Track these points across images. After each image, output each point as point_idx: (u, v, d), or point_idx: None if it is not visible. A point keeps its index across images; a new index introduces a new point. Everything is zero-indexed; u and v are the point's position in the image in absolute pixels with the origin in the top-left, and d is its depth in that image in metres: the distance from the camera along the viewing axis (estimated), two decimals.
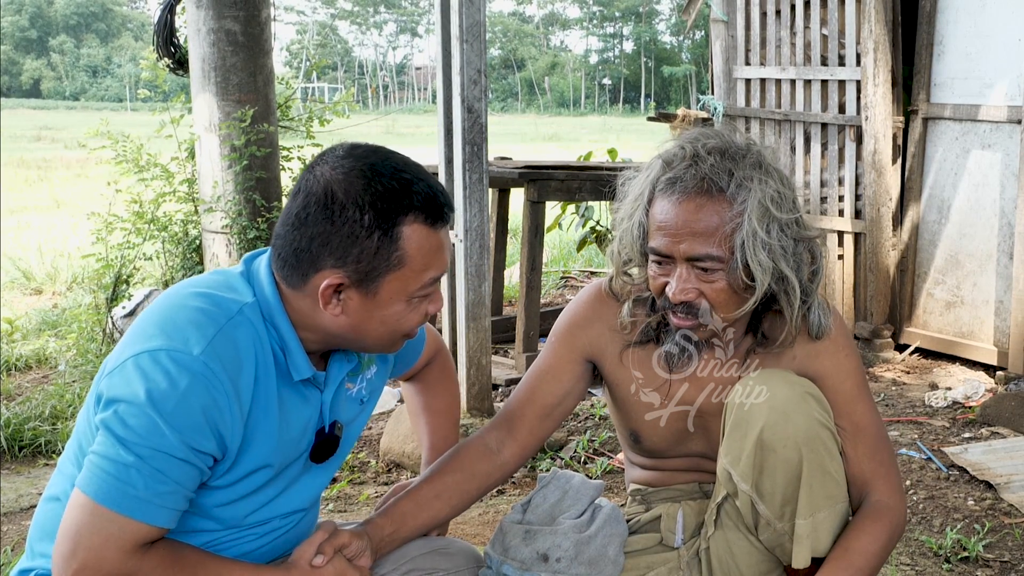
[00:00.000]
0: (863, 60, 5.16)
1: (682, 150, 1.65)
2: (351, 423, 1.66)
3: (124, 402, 1.37)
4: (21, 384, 4.60)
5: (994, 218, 4.92)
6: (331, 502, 3.32)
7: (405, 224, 1.44)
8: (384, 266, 1.45)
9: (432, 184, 1.49)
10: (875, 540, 1.65)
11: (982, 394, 4.44)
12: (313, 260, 1.44)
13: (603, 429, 3.94)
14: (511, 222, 6.25)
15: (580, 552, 1.72)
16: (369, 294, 1.46)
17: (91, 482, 1.37)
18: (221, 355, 1.40)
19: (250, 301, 1.48)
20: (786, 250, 1.62)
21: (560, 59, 77.91)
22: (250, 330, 1.45)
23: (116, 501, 1.36)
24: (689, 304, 1.64)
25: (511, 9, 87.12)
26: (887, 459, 1.73)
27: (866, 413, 1.73)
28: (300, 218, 1.45)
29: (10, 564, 2.64)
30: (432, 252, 1.48)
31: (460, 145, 3.76)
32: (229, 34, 4.85)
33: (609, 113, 58.39)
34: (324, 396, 1.57)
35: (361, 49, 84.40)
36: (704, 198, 1.60)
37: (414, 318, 1.52)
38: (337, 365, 1.59)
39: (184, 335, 1.39)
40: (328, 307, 1.47)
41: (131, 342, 1.42)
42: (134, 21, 75.30)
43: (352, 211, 1.42)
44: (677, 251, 1.61)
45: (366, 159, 1.46)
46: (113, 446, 1.37)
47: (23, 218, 10.97)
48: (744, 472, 1.63)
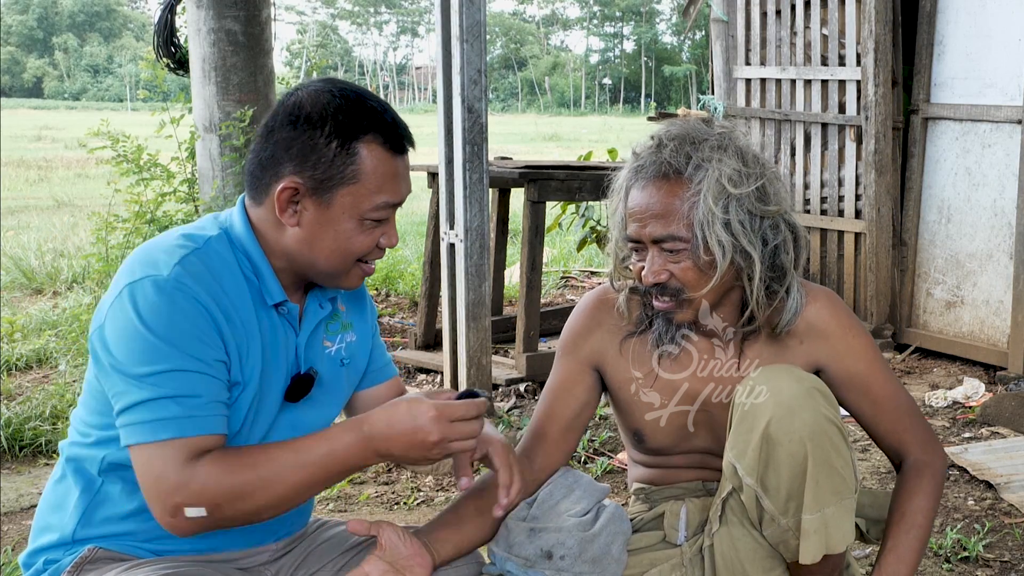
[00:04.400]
0: (863, 60, 5.16)
1: (650, 140, 1.73)
2: (333, 382, 1.69)
3: (120, 337, 1.43)
4: (21, 384, 4.60)
5: (994, 218, 4.92)
6: (331, 502, 3.32)
7: (363, 142, 1.52)
8: (339, 177, 1.51)
9: (397, 118, 1.57)
10: (925, 496, 1.76)
11: (982, 394, 4.44)
12: (275, 166, 1.52)
13: (603, 429, 3.95)
14: (511, 222, 6.25)
15: (584, 550, 1.72)
16: (323, 204, 1.52)
17: (131, 433, 1.43)
18: (191, 271, 1.47)
19: (216, 234, 1.55)
20: (744, 225, 1.67)
21: (561, 59, 77.94)
22: (217, 259, 1.52)
23: (154, 432, 1.41)
24: (663, 285, 1.70)
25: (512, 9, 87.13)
26: (912, 422, 1.81)
27: (884, 386, 1.80)
28: (268, 128, 1.55)
29: (10, 564, 2.64)
30: (387, 176, 1.54)
31: (460, 145, 3.76)
32: (229, 34, 4.86)
33: (609, 113, 58.40)
34: (299, 339, 1.61)
35: (361, 49, 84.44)
36: (662, 181, 1.68)
37: (366, 241, 1.56)
38: (311, 307, 1.64)
39: (155, 262, 1.47)
40: (284, 215, 1.53)
41: (115, 284, 1.49)
42: (135, 21, 75.33)
43: (316, 120, 1.51)
44: (644, 235, 1.69)
45: (338, 84, 1.56)
46: (129, 388, 1.42)
47: (23, 218, 10.97)
48: (750, 466, 1.63)
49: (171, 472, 1.40)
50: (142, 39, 67.11)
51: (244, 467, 1.43)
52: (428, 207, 5.26)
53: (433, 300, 5.11)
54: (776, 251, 1.71)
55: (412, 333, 5.25)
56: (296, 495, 1.46)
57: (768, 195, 1.69)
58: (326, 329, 1.68)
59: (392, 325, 6.01)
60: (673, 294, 1.71)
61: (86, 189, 13.92)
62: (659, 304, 1.73)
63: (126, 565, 1.53)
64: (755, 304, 1.73)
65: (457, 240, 3.81)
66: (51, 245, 8.43)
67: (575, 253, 8.02)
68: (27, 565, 1.61)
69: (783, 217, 1.72)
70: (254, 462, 1.44)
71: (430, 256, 5.14)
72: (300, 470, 1.45)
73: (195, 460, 1.42)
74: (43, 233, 9.34)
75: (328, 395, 1.68)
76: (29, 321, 5.61)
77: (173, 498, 1.40)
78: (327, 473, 1.47)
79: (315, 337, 1.65)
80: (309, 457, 1.45)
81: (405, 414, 1.47)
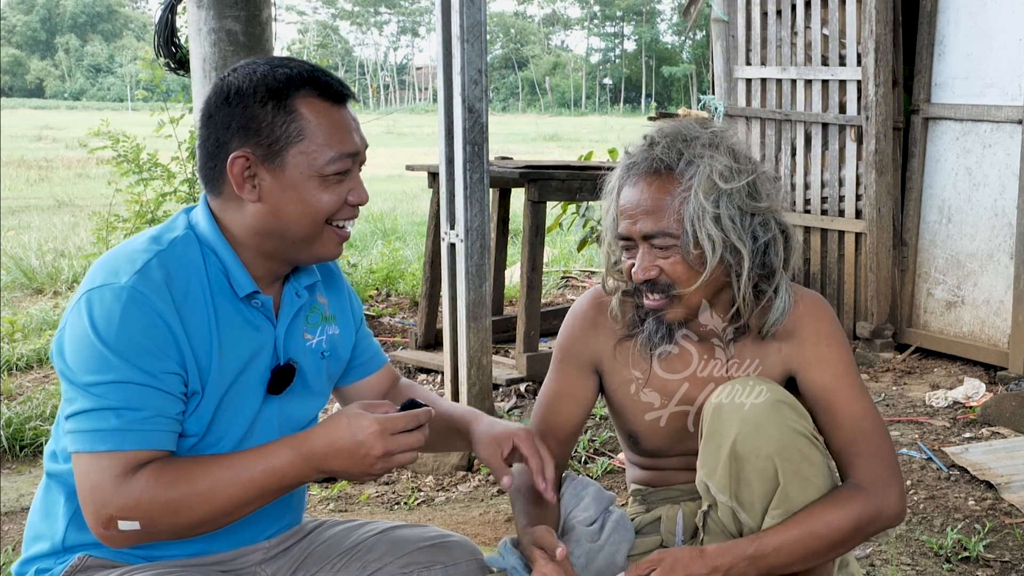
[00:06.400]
0: (864, 60, 5.16)
1: (643, 139, 1.73)
2: (314, 374, 1.68)
3: (73, 344, 1.43)
4: (21, 384, 4.61)
5: (995, 218, 4.92)
6: (331, 502, 3.32)
7: (298, 98, 1.52)
8: (284, 137, 1.50)
9: (327, 72, 1.57)
10: (844, 515, 1.59)
11: (982, 394, 4.44)
12: (221, 148, 1.52)
13: (603, 429, 3.94)
14: (512, 222, 6.25)
15: (591, 560, 1.74)
16: (277, 170, 1.51)
17: (73, 441, 1.43)
18: (149, 278, 1.45)
19: (182, 234, 1.54)
20: (734, 221, 1.66)
21: (561, 59, 77.91)
22: (183, 259, 1.51)
23: (92, 443, 1.41)
24: (654, 282, 1.69)
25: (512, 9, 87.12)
26: (871, 450, 1.67)
27: (848, 404, 1.70)
28: (205, 115, 1.55)
29: (10, 564, 2.64)
30: (332, 126, 1.53)
31: (461, 145, 3.75)
32: (230, 34, 4.85)
33: (610, 113, 58.37)
34: (277, 331, 1.60)
35: (362, 49, 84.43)
36: (653, 177, 1.68)
37: (332, 199, 1.54)
38: (288, 297, 1.64)
39: (116, 270, 1.46)
40: (244, 191, 1.51)
41: (79, 290, 1.49)
42: (136, 21, 75.32)
43: (246, 90, 1.51)
44: (635, 231, 1.68)
45: (263, 57, 1.59)
46: (76, 396, 1.43)
47: (24, 218, 10.97)
48: (721, 484, 1.64)
49: (106, 484, 1.40)
50: (143, 39, 67.09)
51: (180, 482, 1.42)
52: (428, 207, 5.26)
53: (433, 300, 5.11)
54: (766, 249, 1.70)
55: (412, 333, 5.25)
56: (233, 511, 1.44)
57: (759, 192, 1.69)
58: (306, 321, 1.67)
59: (392, 325, 6.01)
60: (663, 290, 1.70)
61: (87, 189, 13.92)
62: (649, 302, 1.72)
63: (117, 572, 1.53)
64: (742, 302, 1.71)
65: (457, 240, 3.81)
66: (52, 245, 8.43)
67: (575, 253, 8.02)
68: (20, 575, 1.61)
69: (773, 216, 1.71)
70: (191, 477, 1.42)
71: (430, 256, 5.14)
72: (237, 487, 1.43)
73: (131, 474, 1.41)
74: (44, 233, 9.34)
75: (310, 387, 1.68)
76: (29, 321, 5.61)
77: (107, 510, 1.40)
78: (263, 491, 1.45)
79: (294, 329, 1.64)
80: (247, 474, 1.43)
81: (345, 429, 1.44)
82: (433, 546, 1.74)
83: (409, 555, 1.72)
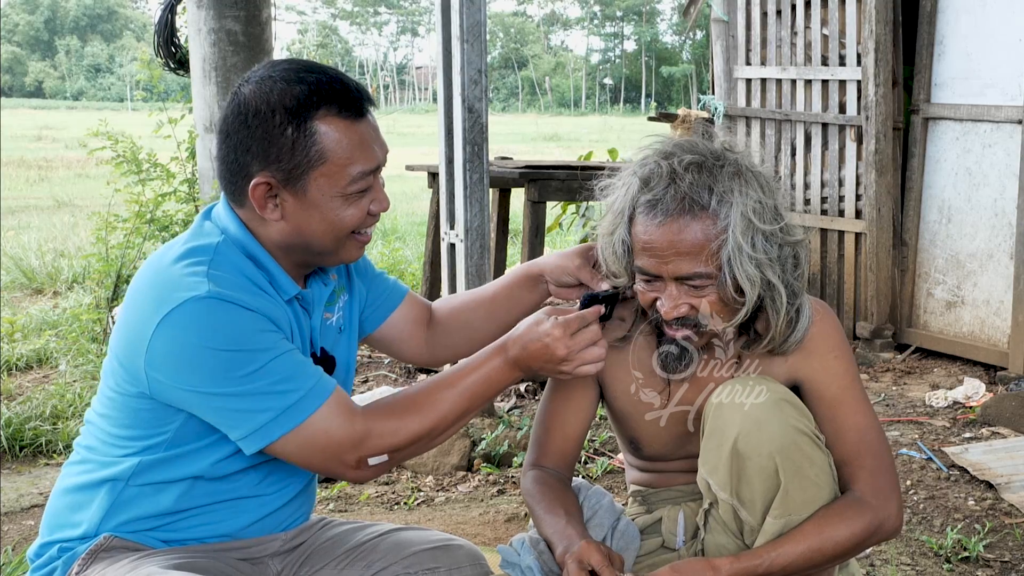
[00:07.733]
0: (864, 60, 5.16)
1: (659, 167, 1.64)
2: (341, 353, 1.73)
3: (191, 365, 1.44)
4: (21, 384, 4.60)
5: (995, 218, 4.92)
6: (331, 502, 3.32)
7: (318, 119, 1.49)
8: (305, 162, 1.49)
9: (345, 80, 1.54)
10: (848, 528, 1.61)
11: (982, 394, 4.44)
12: (242, 169, 1.51)
13: (603, 429, 3.94)
14: (512, 222, 6.25)
15: None
16: (299, 192, 1.51)
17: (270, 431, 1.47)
18: (221, 282, 1.47)
19: (219, 240, 1.54)
20: (771, 258, 1.63)
21: (561, 59, 77.93)
22: (230, 265, 1.52)
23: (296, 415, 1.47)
24: (683, 317, 1.66)
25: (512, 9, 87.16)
26: (873, 463, 1.69)
27: (853, 416, 1.71)
28: (223, 134, 1.53)
29: (10, 564, 2.64)
30: (354, 146, 1.52)
31: (461, 145, 3.75)
32: (230, 34, 4.85)
33: (610, 113, 58.36)
34: (313, 321, 1.64)
35: (362, 49, 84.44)
36: (688, 217, 1.60)
37: (355, 214, 1.55)
38: (316, 288, 1.66)
39: (186, 284, 1.46)
40: (266, 212, 1.52)
41: (143, 315, 1.47)
42: (136, 22, 75.31)
43: (264, 111, 1.48)
44: (665, 271, 1.63)
45: (280, 65, 1.54)
46: (234, 401, 1.45)
47: (23, 218, 10.97)
48: (722, 482, 1.64)
49: (340, 433, 1.48)
50: (143, 39, 67.10)
51: (410, 412, 1.53)
52: (428, 207, 5.26)
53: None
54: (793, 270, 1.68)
55: None
56: (458, 423, 1.58)
57: (780, 213, 1.66)
58: (326, 303, 1.70)
59: None
60: (693, 325, 1.67)
61: (86, 189, 13.92)
62: (674, 333, 1.69)
63: (138, 555, 1.55)
64: (776, 332, 1.69)
65: (457, 240, 3.81)
66: (51, 245, 8.43)
67: None
68: (37, 555, 1.62)
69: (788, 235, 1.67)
70: (418, 406, 1.54)
71: (430, 256, 5.14)
72: (463, 398, 1.57)
73: (354, 413, 1.49)
74: (43, 233, 9.34)
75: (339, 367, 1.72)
76: (29, 321, 5.61)
77: (356, 453, 1.50)
78: (483, 399, 1.59)
79: (320, 314, 1.68)
80: (465, 385, 1.57)
81: (534, 333, 1.57)
82: (437, 549, 1.75)
83: (413, 556, 1.73)
